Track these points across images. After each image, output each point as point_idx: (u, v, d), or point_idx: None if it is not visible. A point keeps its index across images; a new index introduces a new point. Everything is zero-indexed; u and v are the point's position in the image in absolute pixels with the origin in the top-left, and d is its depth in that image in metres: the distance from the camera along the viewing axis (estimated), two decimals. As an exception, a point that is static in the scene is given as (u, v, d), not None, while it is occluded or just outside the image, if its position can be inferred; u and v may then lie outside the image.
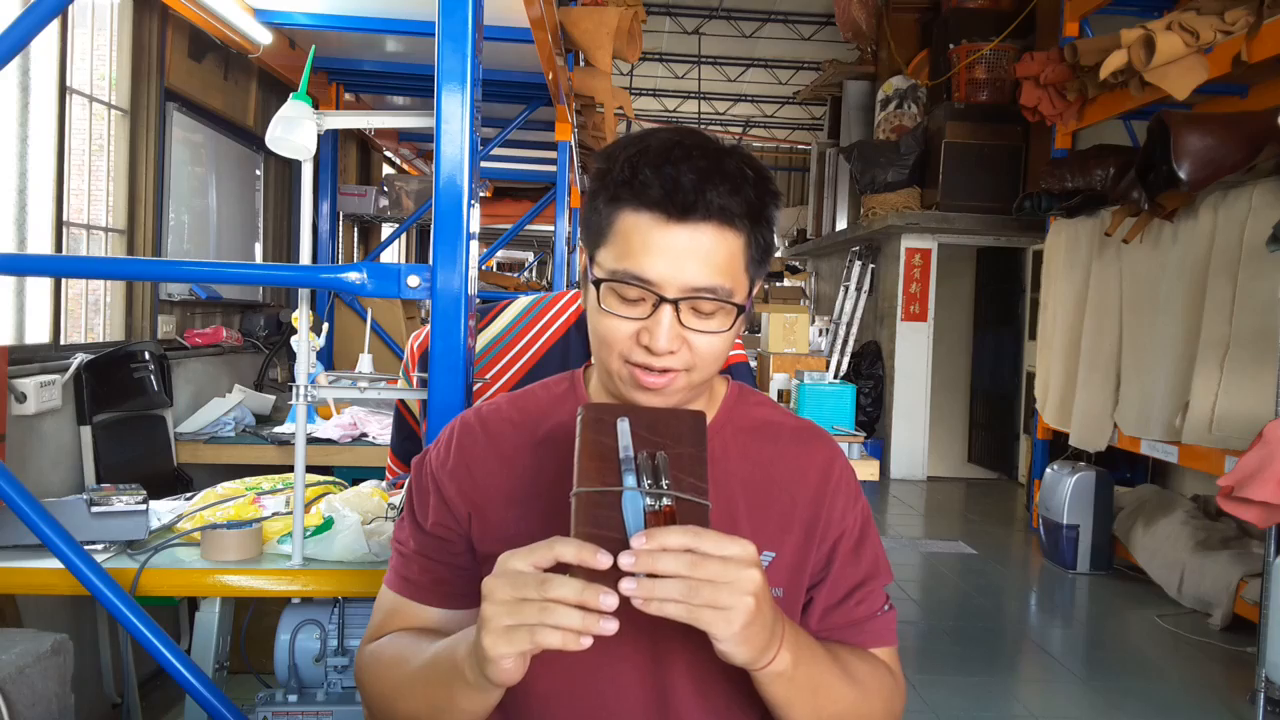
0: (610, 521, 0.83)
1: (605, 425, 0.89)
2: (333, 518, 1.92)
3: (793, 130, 16.15)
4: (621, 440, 0.88)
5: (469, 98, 1.63)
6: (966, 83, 7.95)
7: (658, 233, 0.94)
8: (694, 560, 0.79)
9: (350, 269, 1.67)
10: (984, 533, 6.43)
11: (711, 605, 0.79)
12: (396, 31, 3.73)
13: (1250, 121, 4.20)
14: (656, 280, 0.94)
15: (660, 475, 0.86)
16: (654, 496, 0.84)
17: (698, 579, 0.79)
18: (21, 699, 1.61)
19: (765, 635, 0.85)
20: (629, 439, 0.88)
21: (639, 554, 0.79)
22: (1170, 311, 4.77)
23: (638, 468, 0.86)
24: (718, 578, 0.79)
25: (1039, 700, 3.64)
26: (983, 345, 8.85)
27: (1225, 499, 3.28)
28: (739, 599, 0.80)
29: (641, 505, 0.84)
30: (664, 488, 0.85)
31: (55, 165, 2.95)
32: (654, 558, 0.79)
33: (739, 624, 0.80)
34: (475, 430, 1.09)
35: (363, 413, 3.56)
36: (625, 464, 0.86)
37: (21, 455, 2.63)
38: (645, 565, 0.78)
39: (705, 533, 0.81)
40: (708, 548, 0.80)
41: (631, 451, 0.87)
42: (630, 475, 0.85)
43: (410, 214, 5.54)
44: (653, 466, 0.87)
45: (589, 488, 0.85)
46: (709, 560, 0.79)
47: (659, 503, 0.84)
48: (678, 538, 0.79)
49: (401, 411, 2.08)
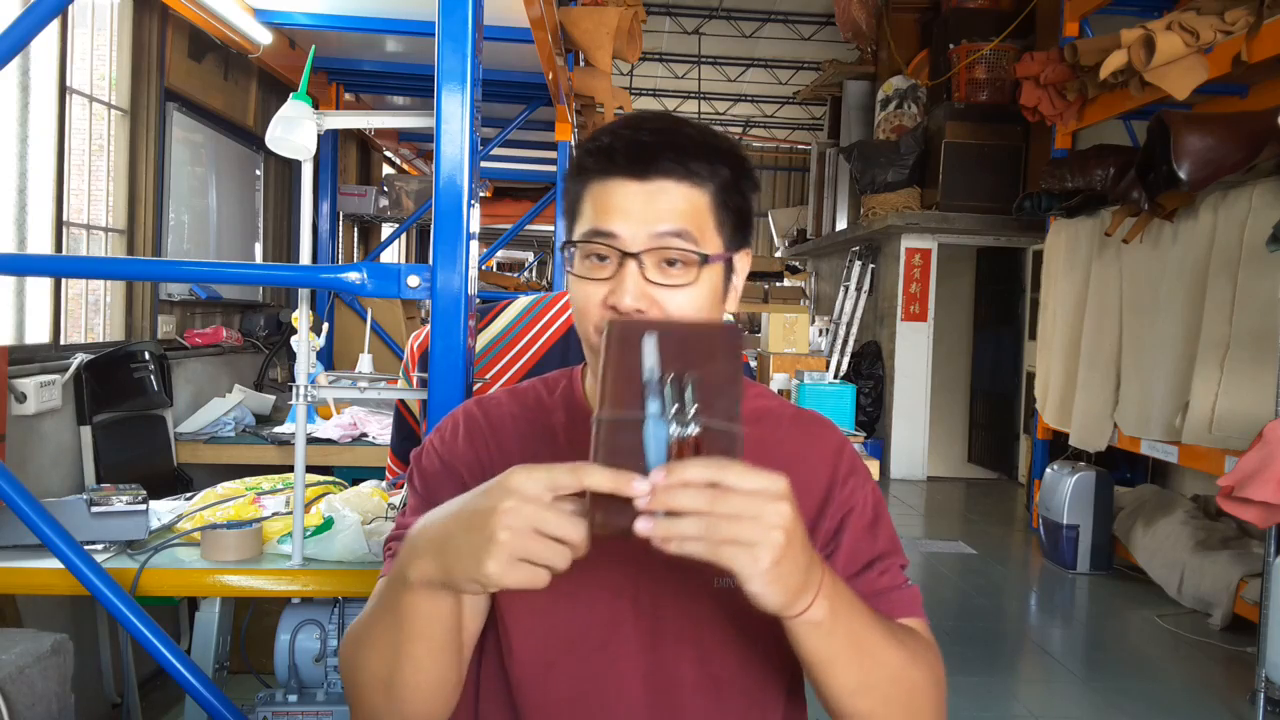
0: (631, 452, 0.77)
1: (631, 343, 0.81)
2: (333, 518, 1.92)
3: (793, 130, 16.15)
4: (646, 360, 0.81)
5: (469, 98, 1.63)
6: (966, 83, 7.95)
7: (619, 192, 0.96)
8: (716, 495, 0.73)
9: (350, 269, 1.68)
10: (984, 533, 6.43)
11: (734, 541, 0.73)
12: (396, 31, 3.73)
13: (1250, 121, 4.19)
14: (619, 234, 0.95)
15: (687, 400, 0.79)
16: (680, 424, 0.78)
17: (720, 514, 0.73)
18: (21, 699, 1.61)
19: (799, 577, 0.78)
20: (655, 359, 0.80)
21: (656, 490, 0.73)
22: (1170, 311, 4.77)
23: (663, 392, 0.79)
24: (743, 512, 0.73)
25: (1039, 700, 3.64)
26: (983, 345, 8.85)
27: (1225, 499, 3.28)
28: (766, 534, 0.74)
29: (665, 435, 0.77)
30: (690, 414, 0.78)
31: (55, 165, 2.95)
32: (673, 493, 0.73)
33: (766, 561, 0.74)
34: (478, 419, 1.08)
35: (363, 413, 3.56)
36: (649, 388, 0.79)
37: (21, 455, 2.63)
38: (663, 502, 0.73)
39: (730, 465, 0.74)
40: (732, 480, 0.73)
41: (657, 374, 0.80)
42: (654, 400, 0.79)
43: (410, 214, 5.53)
44: (679, 390, 0.79)
45: (611, 414, 0.78)
46: (733, 494, 0.73)
47: (685, 431, 0.78)
48: (699, 470, 0.73)
49: (401, 411, 2.08)
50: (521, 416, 1.09)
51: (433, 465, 1.07)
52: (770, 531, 0.74)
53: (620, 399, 0.79)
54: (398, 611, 0.88)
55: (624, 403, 0.79)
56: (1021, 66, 5.77)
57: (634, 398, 0.79)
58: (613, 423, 0.78)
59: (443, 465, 1.06)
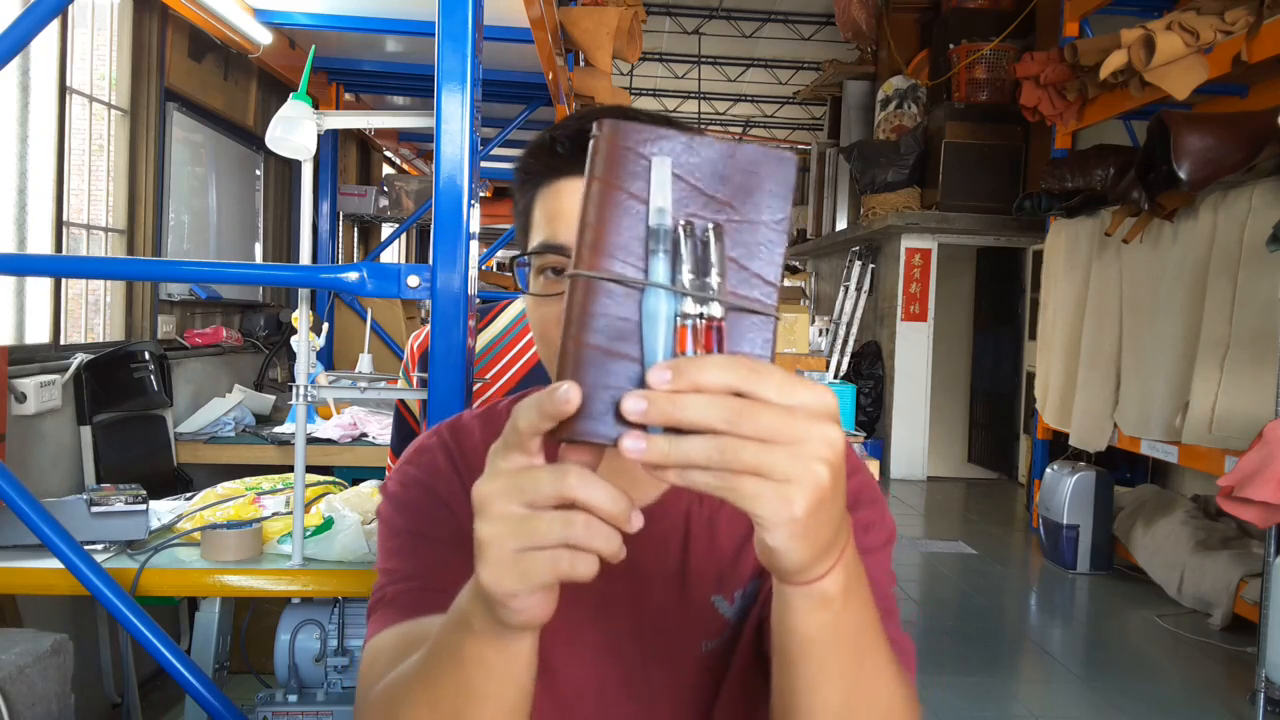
0: (620, 333, 0.55)
1: (633, 160, 0.56)
2: (333, 518, 1.92)
3: (793, 130, 16.16)
4: (654, 194, 0.56)
5: (469, 98, 1.63)
6: (966, 83, 7.95)
7: (569, 195, 0.82)
8: (741, 408, 0.52)
9: (350, 269, 1.68)
10: (984, 533, 6.43)
11: (760, 474, 0.52)
12: (396, 31, 3.72)
13: (1250, 121, 4.20)
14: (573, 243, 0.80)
15: (708, 262, 0.55)
16: (696, 299, 0.55)
17: (743, 436, 0.52)
18: (21, 699, 1.61)
19: (830, 531, 0.57)
20: (668, 192, 0.56)
21: (654, 396, 0.52)
22: (1170, 311, 4.77)
23: (675, 247, 0.55)
24: (776, 435, 0.52)
25: (1039, 700, 3.64)
26: (983, 345, 8.85)
27: (1225, 499, 3.28)
28: (806, 467, 0.53)
29: (672, 313, 0.55)
30: (711, 284, 0.55)
31: (55, 165, 2.95)
32: (680, 402, 0.52)
33: (801, 505, 0.53)
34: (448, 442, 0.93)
35: (363, 413, 3.56)
36: (655, 237, 0.55)
37: (21, 455, 2.63)
38: (664, 413, 0.52)
39: (763, 367, 0.53)
40: (766, 388, 0.53)
41: (668, 218, 0.55)
42: (661, 258, 0.55)
43: (410, 214, 5.53)
44: (699, 247, 0.56)
45: (593, 271, 0.55)
46: (765, 409, 0.52)
47: (702, 311, 0.55)
48: (719, 371, 0.52)
49: (401, 411, 2.08)
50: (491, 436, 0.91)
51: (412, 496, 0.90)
52: (811, 464, 0.53)
53: (609, 246, 0.55)
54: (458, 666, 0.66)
55: (614, 253, 0.55)
56: (1021, 66, 5.78)
57: (630, 249, 0.55)
58: (595, 285, 0.55)
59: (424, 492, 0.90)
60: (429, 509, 0.88)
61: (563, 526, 0.54)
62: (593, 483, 0.54)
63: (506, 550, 0.56)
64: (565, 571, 0.55)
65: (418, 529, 0.87)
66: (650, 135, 0.56)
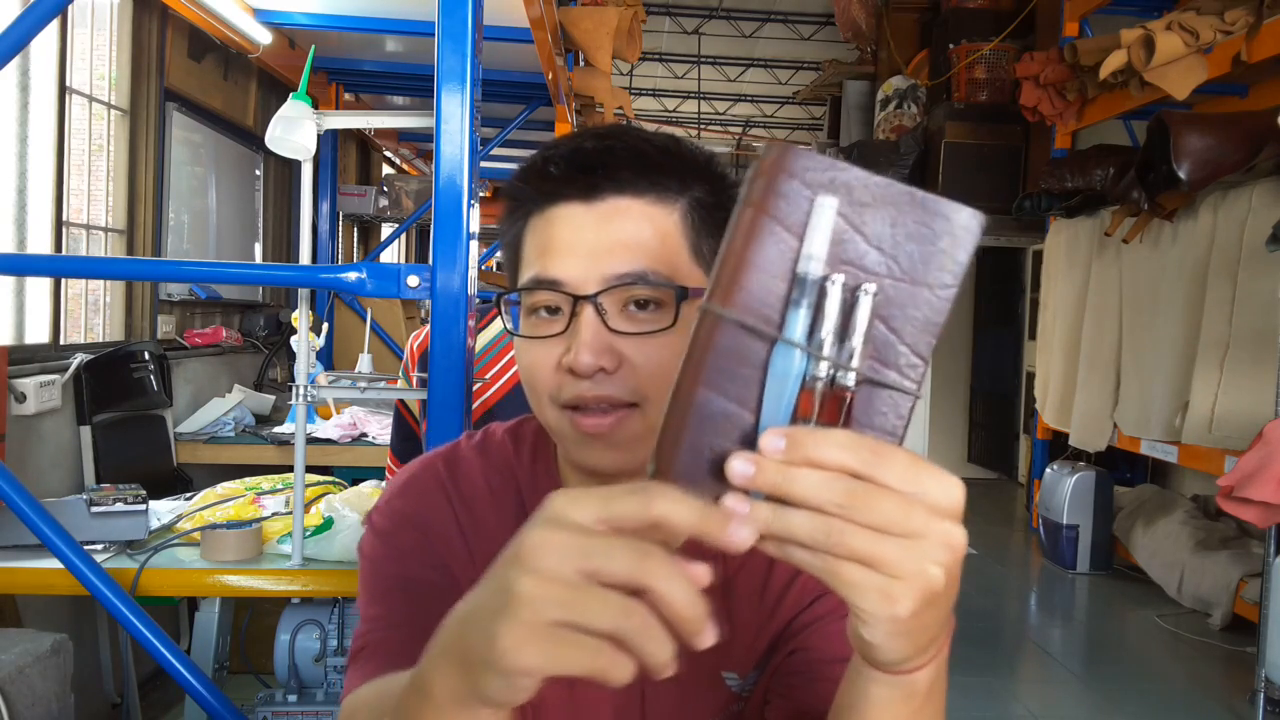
0: (742, 381, 0.49)
1: (796, 192, 0.49)
2: (332, 518, 1.92)
3: (793, 130, 16.15)
4: (810, 235, 0.49)
5: (469, 98, 1.63)
6: (966, 83, 7.95)
7: (562, 221, 0.75)
8: (856, 491, 0.47)
9: (350, 269, 1.68)
10: (984, 533, 6.43)
11: (869, 564, 0.48)
12: (396, 31, 3.73)
13: (1250, 121, 4.20)
14: (568, 278, 0.73)
15: (853, 329, 0.49)
16: (831, 363, 0.49)
17: (856, 523, 0.47)
18: (21, 699, 1.61)
19: (935, 629, 0.53)
20: (825, 239, 0.49)
21: (764, 463, 0.48)
22: (1170, 311, 4.77)
23: (819, 300, 0.49)
24: (891, 526, 0.47)
25: (1039, 700, 3.64)
26: (983, 345, 8.85)
27: (1225, 499, 3.28)
28: (919, 566, 0.48)
29: (800, 373, 0.49)
30: (848, 353, 0.49)
31: (55, 165, 2.95)
32: (789, 475, 0.47)
33: (908, 606, 0.48)
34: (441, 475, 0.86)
35: (363, 413, 3.56)
36: (799, 286, 0.49)
37: (21, 455, 2.63)
38: (771, 484, 0.47)
39: (888, 450, 0.48)
40: (886, 475, 0.47)
41: (819, 266, 0.49)
42: (801, 310, 0.49)
43: (410, 214, 5.53)
44: (846, 307, 0.49)
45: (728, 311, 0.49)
46: (882, 496, 0.47)
47: (835, 375, 0.49)
48: (836, 450, 0.47)
49: (401, 411, 2.08)
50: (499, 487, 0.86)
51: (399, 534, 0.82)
52: (925, 563, 0.48)
53: (749, 286, 0.49)
54: None
55: (752, 293, 0.49)
56: (1021, 66, 5.78)
57: (770, 294, 0.49)
58: (724, 325, 0.49)
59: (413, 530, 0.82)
60: (417, 549, 0.80)
61: (620, 614, 0.46)
62: (676, 575, 0.46)
63: (543, 618, 0.47)
64: (601, 668, 0.46)
65: (404, 571, 0.80)
66: (821, 166, 0.49)
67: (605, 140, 0.76)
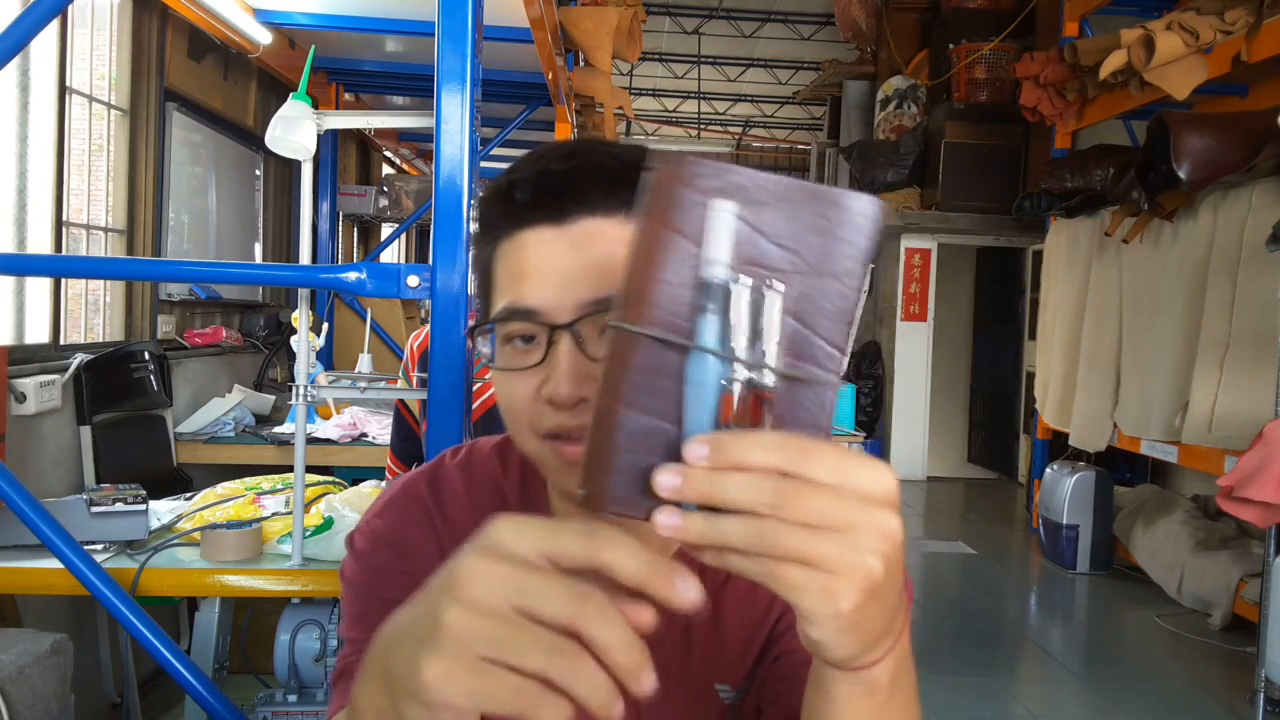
0: (661, 394, 0.49)
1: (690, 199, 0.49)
2: (332, 518, 1.92)
3: (792, 130, 16.15)
4: (710, 241, 0.49)
5: (469, 98, 1.63)
6: (966, 83, 7.95)
7: (535, 249, 0.72)
8: (788, 490, 0.46)
9: (350, 269, 1.68)
10: (984, 533, 6.43)
11: (806, 562, 0.47)
12: (396, 31, 3.73)
13: (1250, 121, 4.20)
14: (542, 307, 0.71)
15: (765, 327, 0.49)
16: (746, 365, 0.49)
17: (789, 521, 0.46)
18: (21, 699, 1.61)
19: (882, 623, 0.52)
20: (726, 243, 0.49)
21: (690, 473, 0.47)
22: (1170, 311, 4.78)
23: (727, 303, 0.49)
24: (824, 521, 0.46)
25: (1039, 700, 3.64)
26: (983, 345, 8.86)
27: (1225, 499, 3.28)
28: (857, 558, 0.47)
29: (718, 379, 0.49)
30: (762, 352, 0.49)
31: (55, 165, 2.95)
32: (716, 481, 0.47)
33: (850, 600, 0.47)
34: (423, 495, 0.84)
35: (362, 413, 3.56)
36: (705, 292, 0.49)
37: (21, 455, 2.63)
38: (699, 493, 0.47)
39: (814, 445, 0.47)
40: (814, 470, 0.47)
41: (722, 270, 0.49)
42: (710, 317, 0.49)
43: (410, 214, 5.53)
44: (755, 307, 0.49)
45: (638, 326, 0.49)
46: (812, 491, 0.46)
47: (752, 378, 0.49)
48: (761, 452, 0.46)
49: (401, 411, 2.08)
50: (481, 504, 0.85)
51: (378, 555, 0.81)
52: (862, 555, 0.47)
53: (657, 298, 0.49)
54: None
55: (663, 306, 0.49)
56: (1021, 66, 5.78)
57: (680, 300, 0.49)
58: (635, 340, 0.49)
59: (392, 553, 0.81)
60: (396, 570, 0.79)
61: (550, 654, 0.45)
62: (612, 623, 0.45)
63: (470, 652, 0.46)
64: (529, 708, 0.45)
65: (382, 593, 0.78)
66: (711, 172, 0.49)
67: (571, 161, 0.73)
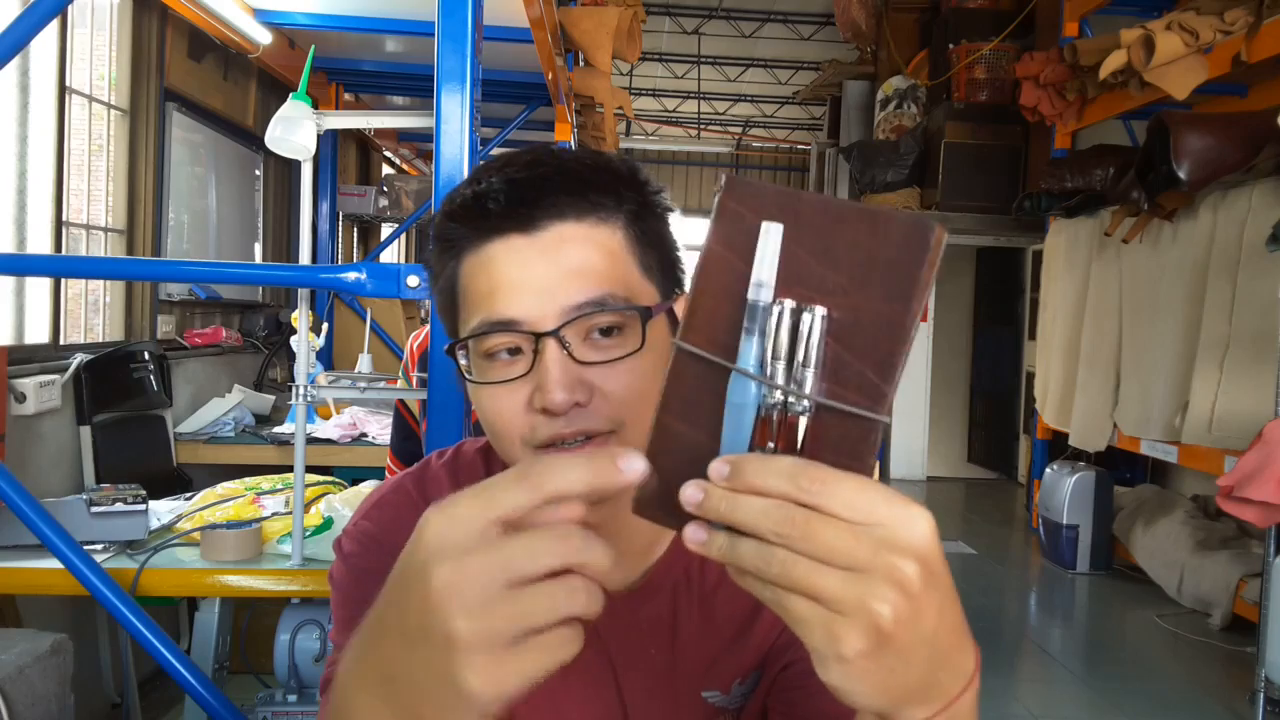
0: (706, 410, 0.50)
1: (742, 222, 0.49)
2: (332, 518, 1.92)
3: (792, 130, 16.15)
4: (758, 264, 0.49)
5: (469, 98, 1.63)
6: (966, 83, 7.95)
7: (507, 260, 0.71)
8: (796, 520, 0.45)
9: (350, 269, 1.68)
10: (984, 533, 6.43)
11: (812, 596, 0.45)
12: (396, 31, 3.73)
13: (1250, 121, 4.20)
14: (524, 316, 0.70)
15: (806, 354, 0.49)
16: (783, 389, 0.49)
17: (798, 553, 0.45)
18: (21, 699, 1.61)
19: (914, 679, 0.48)
20: (771, 265, 0.49)
21: (711, 491, 0.47)
22: (1170, 311, 4.78)
23: (765, 329, 0.49)
24: (833, 557, 0.45)
25: (1039, 700, 3.64)
26: (983, 345, 8.85)
27: (1225, 499, 3.28)
28: (862, 602, 0.45)
29: (756, 401, 0.49)
30: (799, 379, 0.48)
31: (55, 165, 2.95)
32: (733, 502, 0.47)
33: (853, 645, 0.45)
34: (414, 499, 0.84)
35: (362, 413, 3.56)
36: (749, 315, 0.49)
37: (21, 455, 2.63)
38: (716, 511, 0.47)
39: (835, 476, 0.46)
40: (831, 502, 0.45)
41: (767, 293, 0.49)
42: (753, 339, 0.49)
43: (410, 214, 5.53)
44: (793, 329, 0.49)
45: (690, 344, 0.50)
46: (825, 525, 0.45)
47: (789, 402, 0.48)
48: (777, 478, 0.46)
49: (401, 411, 2.08)
50: None
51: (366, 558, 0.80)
52: (869, 600, 0.45)
53: (706, 319, 0.50)
54: None
55: (713, 325, 0.50)
56: (1021, 66, 5.78)
57: (728, 322, 0.50)
58: (686, 356, 0.50)
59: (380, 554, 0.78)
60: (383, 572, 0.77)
61: (566, 598, 0.47)
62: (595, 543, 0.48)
63: (497, 645, 0.47)
64: (569, 652, 0.47)
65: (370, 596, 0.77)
66: (766, 192, 0.49)
67: (535, 167, 0.73)
